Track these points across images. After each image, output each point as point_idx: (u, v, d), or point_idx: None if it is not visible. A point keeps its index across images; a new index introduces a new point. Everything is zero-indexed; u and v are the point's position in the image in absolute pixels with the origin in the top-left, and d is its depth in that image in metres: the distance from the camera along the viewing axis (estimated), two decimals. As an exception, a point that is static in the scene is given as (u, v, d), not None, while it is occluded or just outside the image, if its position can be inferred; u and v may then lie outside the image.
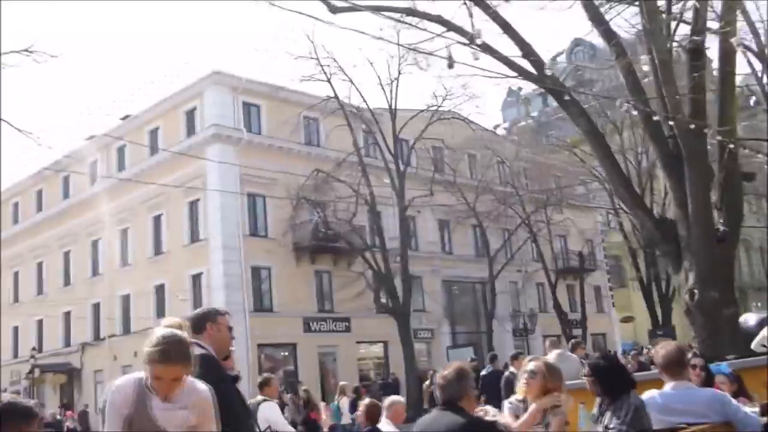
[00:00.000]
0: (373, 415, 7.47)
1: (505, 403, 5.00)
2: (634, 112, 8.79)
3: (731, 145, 8.49)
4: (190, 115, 32.81)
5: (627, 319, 48.50)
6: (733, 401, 4.54)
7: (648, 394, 4.46)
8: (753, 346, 11.71)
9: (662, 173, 9.62)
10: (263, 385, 8.68)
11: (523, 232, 37.57)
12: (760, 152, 11.41)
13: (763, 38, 16.67)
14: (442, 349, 35.24)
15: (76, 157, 36.63)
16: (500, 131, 50.45)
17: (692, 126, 8.22)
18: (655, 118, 8.83)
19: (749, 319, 13.71)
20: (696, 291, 8.67)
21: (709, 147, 9.15)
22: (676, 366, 4.46)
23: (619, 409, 4.17)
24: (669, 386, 4.48)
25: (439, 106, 29.58)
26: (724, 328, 8.55)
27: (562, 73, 44.44)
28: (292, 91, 31.86)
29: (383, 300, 27.37)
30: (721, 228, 8.98)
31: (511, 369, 11.95)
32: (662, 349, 4.61)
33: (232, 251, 30.29)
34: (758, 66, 16.24)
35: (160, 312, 32.82)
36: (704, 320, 8.69)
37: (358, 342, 33.71)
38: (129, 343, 33.93)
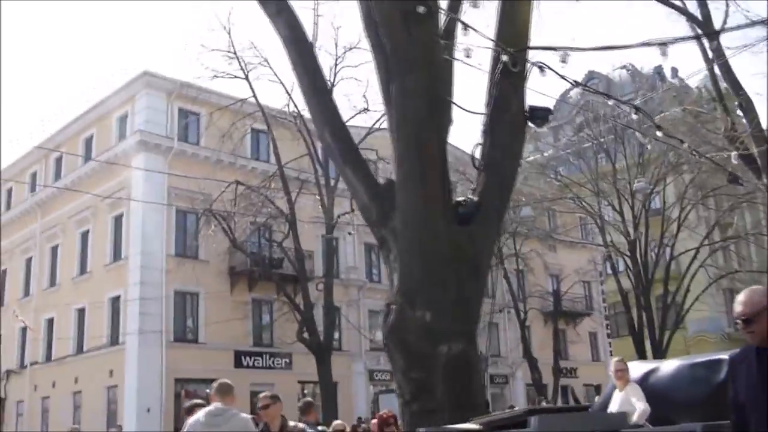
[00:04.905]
0: None
1: None
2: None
3: (505, 57, 4.76)
4: (122, 121, 29.70)
5: (624, 370, 44.05)
6: None
7: None
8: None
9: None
10: None
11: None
12: (591, 88, 7.54)
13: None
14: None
15: (13, 169, 34.40)
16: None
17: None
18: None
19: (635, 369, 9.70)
20: (394, 307, 4.75)
21: (477, 62, 5.54)
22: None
23: None
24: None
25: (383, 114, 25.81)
26: (438, 381, 4.60)
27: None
28: (237, 100, 28.16)
29: (305, 334, 23.49)
30: (467, 199, 5.16)
31: (300, 426, 8.18)
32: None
33: (152, 272, 26.82)
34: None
35: (80, 338, 29.58)
36: (405, 363, 4.74)
37: (300, 381, 29.87)
38: (49, 371, 30.75)
